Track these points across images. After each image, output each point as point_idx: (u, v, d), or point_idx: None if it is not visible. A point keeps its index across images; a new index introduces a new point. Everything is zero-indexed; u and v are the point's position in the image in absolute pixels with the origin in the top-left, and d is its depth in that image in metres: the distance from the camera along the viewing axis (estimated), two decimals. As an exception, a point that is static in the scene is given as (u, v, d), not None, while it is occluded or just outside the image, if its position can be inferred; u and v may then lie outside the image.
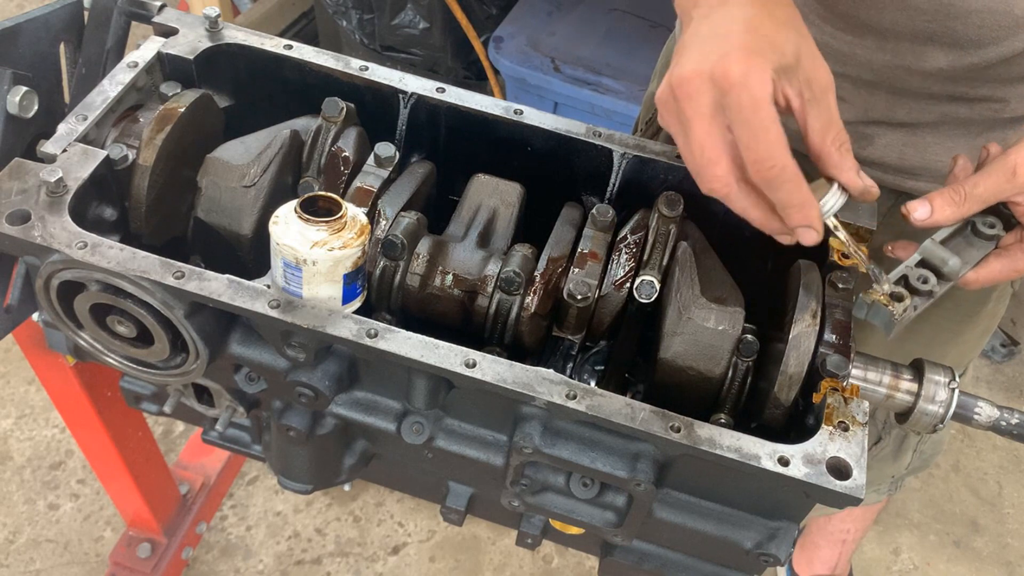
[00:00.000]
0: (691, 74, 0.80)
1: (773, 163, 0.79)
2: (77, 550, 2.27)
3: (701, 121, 0.80)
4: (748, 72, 0.77)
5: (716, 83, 0.78)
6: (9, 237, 0.93)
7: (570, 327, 1.04)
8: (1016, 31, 1.03)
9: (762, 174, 0.80)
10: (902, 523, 2.52)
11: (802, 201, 0.82)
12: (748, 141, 0.79)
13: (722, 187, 0.83)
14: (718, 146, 0.81)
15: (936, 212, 0.92)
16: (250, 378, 1.07)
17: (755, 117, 0.78)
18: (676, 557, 1.13)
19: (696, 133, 0.81)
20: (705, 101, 0.79)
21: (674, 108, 0.82)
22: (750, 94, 0.77)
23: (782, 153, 0.79)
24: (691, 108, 0.80)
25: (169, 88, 1.11)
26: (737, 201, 0.84)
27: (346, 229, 0.91)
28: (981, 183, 0.91)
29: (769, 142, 0.78)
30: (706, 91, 0.79)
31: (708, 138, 0.81)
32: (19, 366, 2.58)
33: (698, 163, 0.82)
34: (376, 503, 2.42)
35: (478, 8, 2.75)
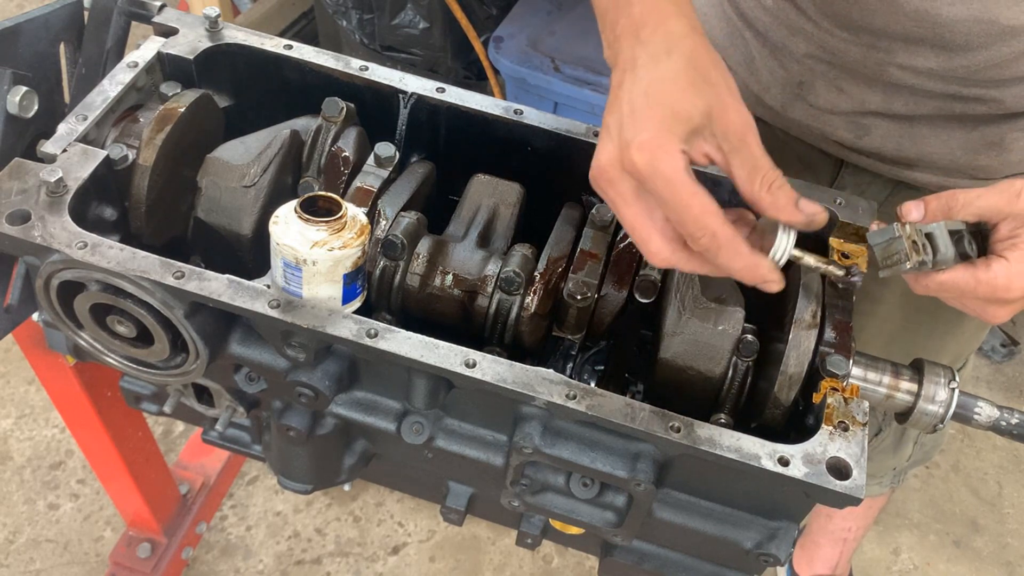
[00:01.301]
0: (606, 165, 0.82)
1: (703, 233, 0.80)
2: (77, 550, 2.27)
3: (627, 206, 0.83)
4: (654, 158, 0.79)
5: (630, 173, 0.81)
6: (9, 237, 0.93)
7: (570, 327, 1.04)
8: (1003, 38, 1.03)
9: (699, 246, 0.82)
10: (902, 523, 2.52)
11: (744, 264, 0.83)
12: (676, 218, 0.81)
13: (663, 261, 0.85)
14: (647, 225, 0.83)
15: (928, 215, 0.93)
16: (250, 378, 1.07)
17: (674, 197, 0.79)
18: (676, 557, 1.13)
19: (625, 217, 0.84)
20: (625, 189, 0.82)
21: (603, 191, 0.85)
22: (662, 177, 0.79)
23: (711, 221, 0.80)
24: (614, 194, 0.83)
25: (169, 88, 1.11)
26: (686, 267, 0.86)
27: (346, 229, 0.91)
28: (982, 199, 0.91)
29: (694, 216, 0.80)
30: (623, 180, 0.82)
31: (636, 220, 0.83)
32: (19, 366, 2.58)
33: (637, 240, 0.85)
34: (376, 503, 2.42)
35: (478, 8, 2.75)
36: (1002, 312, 0.95)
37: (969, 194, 0.92)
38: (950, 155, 1.18)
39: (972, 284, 0.92)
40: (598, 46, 0.94)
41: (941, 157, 1.19)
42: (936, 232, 0.92)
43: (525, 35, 2.64)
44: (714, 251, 0.81)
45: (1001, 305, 0.94)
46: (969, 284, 0.92)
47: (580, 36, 2.65)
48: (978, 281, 0.91)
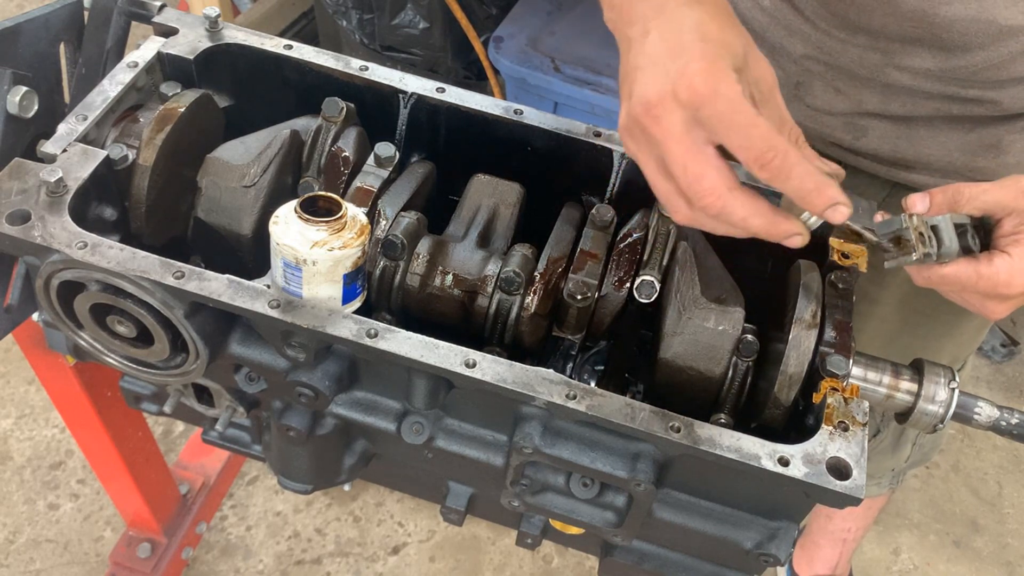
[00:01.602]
0: (655, 98, 0.77)
1: (775, 151, 0.76)
2: (77, 550, 2.27)
3: (677, 141, 0.77)
4: (715, 82, 0.75)
5: (684, 101, 0.76)
6: (9, 237, 0.93)
7: (570, 327, 1.04)
8: (1001, 39, 1.03)
9: (768, 167, 0.77)
10: (902, 523, 2.52)
11: (818, 181, 0.79)
12: (741, 140, 0.76)
13: (716, 199, 0.79)
14: (701, 160, 0.78)
15: (933, 208, 0.92)
16: (250, 378, 1.07)
17: (739, 117, 0.76)
18: (676, 557, 1.13)
19: (675, 153, 0.78)
20: (675, 122, 0.77)
21: (642, 135, 0.80)
22: (725, 99, 0.75)
23: (779, 139, 0.77)
24: (662, 131, 0.78)
25: (169, 88, 1.11)
26: (735, 211, 0.80)
27: (346, 229, 0.91)
28: (988, 193, 0.91)
29: (763, 135, 0.76)
30: (675, 110, 0.76)
31: (689, 154, 0.78)
32: (19, 366, 2.58)
33: (685, 182, 0.79)
34: (376, 503, 2.42)
35: (478, 8, 2.75)
36: (1001, 308, 0.95)
37: (975, 188, 0.92)
38: (947, 157, 1.18)
39: (974, 279, 0.91)
40: (598, 46, 0.93)
41: (938, 159, 1.19)
42: (941, 225, 0.91)
43: (525, 35, 2.64)
44: (787, 171, 0.77)
45: (1001, 301, 0.93)
46: (971, 278, 0.91)
47: (580, 36, 2.65)
48: (980, 276, 0.91)
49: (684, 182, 0.79)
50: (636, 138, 0.81)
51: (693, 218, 0.83)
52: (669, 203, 0.83)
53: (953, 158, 1.18)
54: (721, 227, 0.83)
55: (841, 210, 0.81)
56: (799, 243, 0.85)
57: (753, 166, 0.78)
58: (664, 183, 0.82)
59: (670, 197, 0.82)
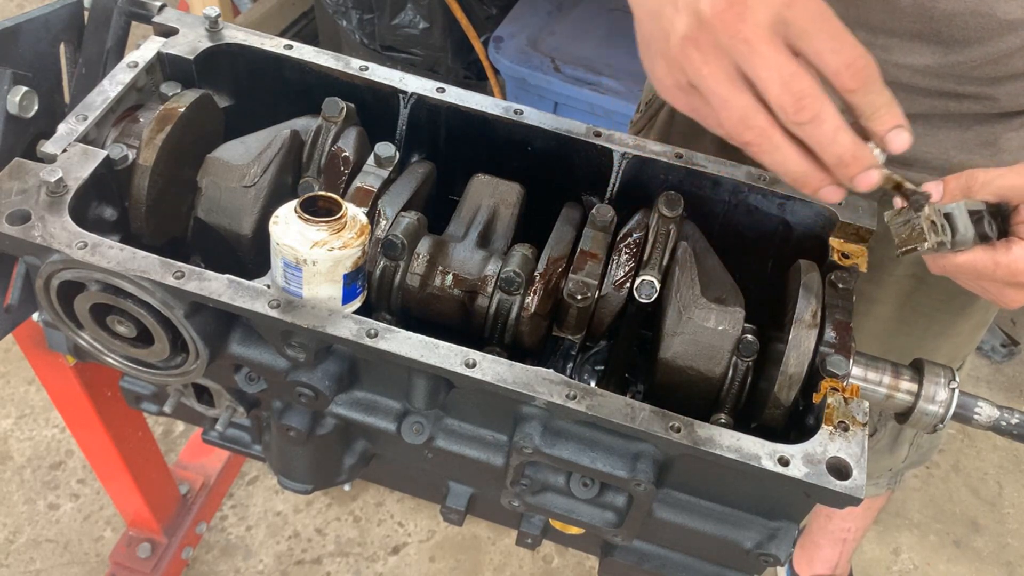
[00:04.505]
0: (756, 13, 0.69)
1: (865, 60, 0.72)
2: (77, 550, 2.27)
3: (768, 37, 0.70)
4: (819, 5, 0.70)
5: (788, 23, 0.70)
6: (9, 237, 0.93)
7: (570, 327, 1.04)
8: (1000, 33, 1.03)
9: (859, 75, 0.72)
10: (902, 523, 2.52)
11: (891, 100, 0.76)
12: (832, 45, 0.71)
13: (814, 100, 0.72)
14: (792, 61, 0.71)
15: (948, 196, 0.91)
16: (250, 378, 1.07)
17: (831, 18, 0.71)
18: (676, 557, 1.13)
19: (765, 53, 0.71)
20: (765, 17, 0.70)
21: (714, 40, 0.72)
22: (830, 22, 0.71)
23: (865, 52, 0.73)
24: (748, 28, 0.70)
25: (169, 88, 1.11)
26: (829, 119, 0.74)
27: (346, 229, 0.91)
28: (1004, 178, 0.90)
29: (853, 43, 0.71)
30: (763, 6, 0.70)
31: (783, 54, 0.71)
32: (19, 366, 2.58)
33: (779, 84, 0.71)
34: (376, 503, 2.42)
35: (478, 8, 2.75)
36: (1020, 296, 0.93)
37: (989, 173, 0.90)
38: (944, 155, 1.18)
39: (991, 267, 0.90)
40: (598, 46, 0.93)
41: (935, 157, 1.19)
42: (955, 212, 0.89)
43: (525, 35, 2.64)
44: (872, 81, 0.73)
45: (1019, 289, 0.92)
46: (988, 267, 0.90)
47: (580, 36, 2.65)
48: (997, 264, 0.89)
49: (777, 87, 0.72)
50: (707, 48, 0.73)
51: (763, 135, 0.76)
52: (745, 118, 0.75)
53: (950, 156, 1.18)
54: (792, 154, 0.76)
55: (902, 135, 0.77)
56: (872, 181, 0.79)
57: (844, 72, 0.73)
58: (739, 95, 0.74)
59: (747, 110, 0.75)
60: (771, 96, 0.73)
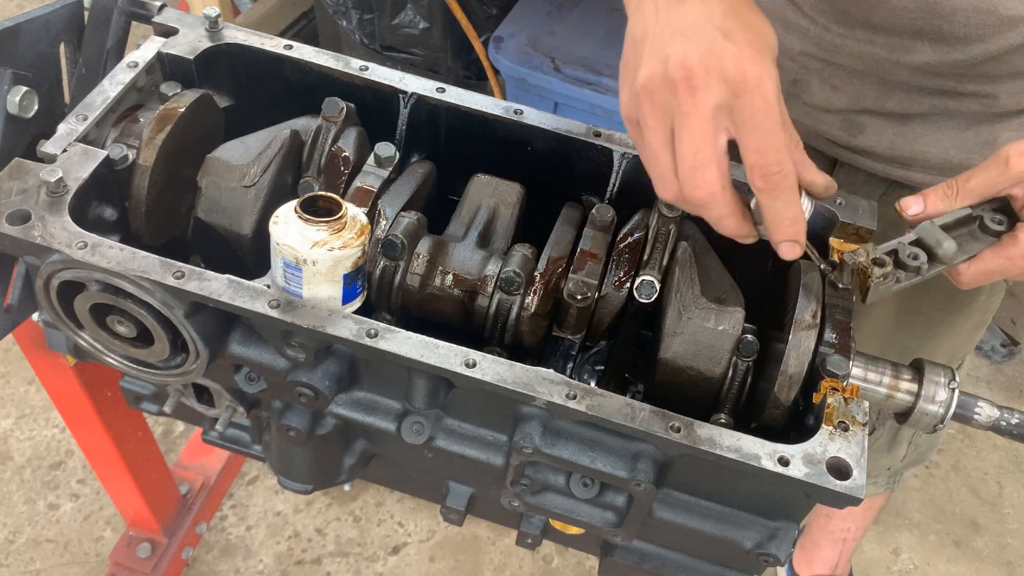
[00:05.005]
0: (699, 66, 0.73)
1: (779, 168, 0.76)
2: (77, 550, 2.27)
3: (702, 120, 0.75)
4: (763, 74, 0.73)
5: (728, 82, 0.73)
6: (9, 237, 0.93)
7: (570, 327, 1.04)
8: (1001, 29, 1.03)
9: (768, 180, 0.77)
10: (902, 523, 2.52)
11: (796, 214, 0.81)
12: (759, 145, 0.75)
13: (707, 194, 0.78)
14: (712, 148, 0.76)
15: (928, 207, 0.92)
16: (250, 378, 1.07)
17: (769, 121, 0.75)
18: (676, 557, 1.13)
19: (693, 132, 0.75)
20: (711, 99, 0.74)
21: (665, 100, 0.76)
22: (764, 97, 0.74)
23: (788, 160, 0.77)
24: (692, 104, 0.74)
25: (169, 88, 1.11)
26: (717, 209, 0.80)
27: (346, 229, 0.91)
28: (974, 177, 0.91)
29: (778, 148, 0.76)
30: (715, 88, 0.73)
31: (704, 139, 0.76)
32: (19, 366, 2.58)
33: (688, 165, 0.77)
34: (376, 503, 2.42)
35: (478, 8, 2.75)
36: None
37: (960, 179, 0.92)
38: (943, 154, 1.18)
39: (1007, 264, 0.91)
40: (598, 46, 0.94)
41: (934, 156, 1.19)
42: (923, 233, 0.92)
43: (525, 35, 2.64)
44: (780, 191, 0.78)
45: None
46: (1004, 265, 0.91)
47: (580, 36, 2.65)
48: (1010, 258, 0.91)
49: (687, 165, 0.78)
50: (656, 103, 0.77)
51: (678, 199, 0.82)
52: (662, 178, 0.81)
53: (950, 155, 1.18)
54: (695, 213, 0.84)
55: (794, 249, 0.84)
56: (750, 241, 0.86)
57: (755, 173, 0.78)
58: (665, 156, 0.79)
59: (665, 173, 0.80)
60: (680, 170, 0.79)
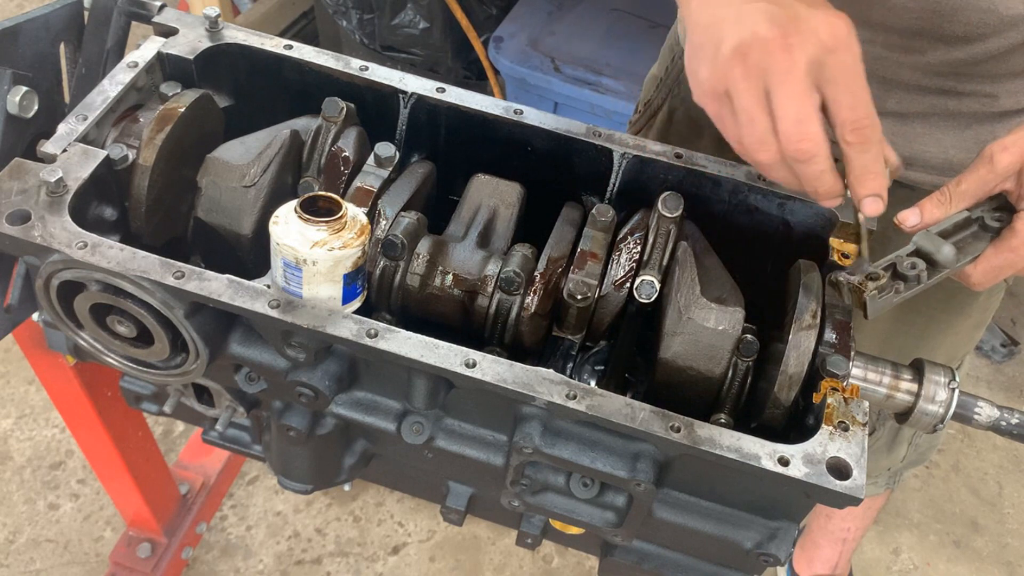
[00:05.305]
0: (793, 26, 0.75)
1: (871, 122, 0.79)
2: (77, 550, 2.27)
3: (799, 76, 0.76)
4: (851, 32, 0.77)
5: (823, 40, 0.76)
6: (9, 237, 0.93)
7: (570, 327, 1.04)
8: (1003, 29, 1.03)
9: (860, 133, 0.79)
10: (902, 523, 2.52)
11: (880, 168, 0.83)
12: (851, 101, 0.78)
13: (813, 145, 0.79)
14: (811, 103, 0.78)
15: (925, 216, 0.93)
16: (250, 378, 1.07)
17: (859, 77, 0.78)
18: (676, 557, 1.13)
19: (792, 88, 0.77)
20: (806, 56, 0.76)
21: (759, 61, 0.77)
22: (853, 54, 0.77)
23: (875, 114, 0.80)
24: (789, 61, 0.76)
25: (169, 88, 1.11)
26: (820, 163, 0.80)
27: (346, 229, 0.91)
28: (964, 180, 0.92)
29: (868, 102, 0.79)
30: (810, 45, 0.76)
31: (804, 94, 0.77)
32: (19, 366, 2.58)
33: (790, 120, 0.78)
34: (376, 503, 2.42)
35: (478, 8, 2.75)
36: None
37: (951, 184, 0.93)
38: (943, 154, 1.18)
39: (1012, 257, 0.92)
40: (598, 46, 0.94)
41: (934, 156, 1.19)
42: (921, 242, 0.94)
43: (525, 35, 2.64)
44: (870, 144, 0.80)
45: None
46: (1010, 259, 0.92)
47: (580, 36, 2.65)
48: (1013, 250, 0.91)
49: (790, 119, 0.79)
50: (749, 64, 0.79)
51: (774, 160, 0.82)
52: (761, 140, 0.82)
53: (950, 155, 1.18)
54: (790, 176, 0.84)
55: (877, 205, 0.85)
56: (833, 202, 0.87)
57: (847, 126, 0.80)
58: (763, 117, 0.80)
59: (764, 134, 0.81)
60: (780, 127, 0.80)
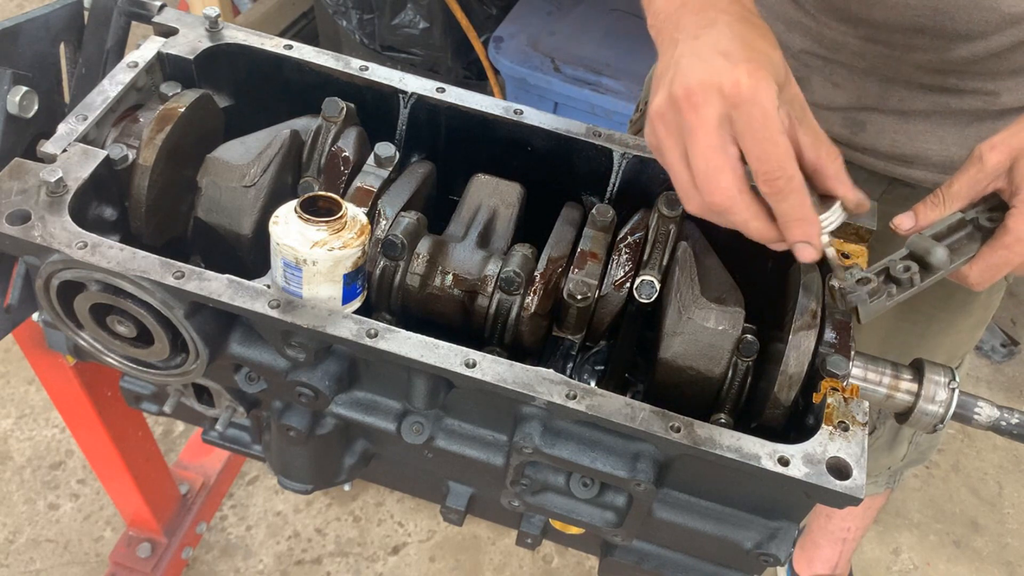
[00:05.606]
0: (697, 85, 0.79)
1: (782, 173, 0.80)
2: (77, 550, 2.27)
3: (707, 132, 0.80)
4: (758, 86, 0.78)
5: (726, 96, 0.79)
6: (9, 237, 0.93)
7: (570, 327, 1.04)
8: (1003, 27, 1.04)
9: (772, 185, 0.81)
10: (902, 523, 2.52)
11: (804, 216, 0.83)
12: (759, 153, 0.80)
13: (725, 199, 0.82)
14: (722, 156, 0.80)
15: (919, 219, 0.93)
16: (250, 378, 1.07)
17: (766, 129, 0.79)
18: (676, 557, 1.13)
19: (700, 144, 0.80)
20: (713, 112, 0.79)
21: (674, 120, 0.82)
22: (761, 107, 0.78)
23: (791, 165, 0.80)
24: (696, 119, 0.80)
25: (169, 88, 1.11)
26: (739, 213, 0.83)
27: (346, 229, 0.91)
28: (955, 181, 0.92)
29: (779, 154, 0.80)
30: (714, 102, 0.79)
31: (712, 149, 0.80)
32: (19, 366, 2.58)
33: (702, 174, 0.82)
34: (376, 503, 2.42)
35: (478, 8, 2.75)
36: None
37: (944, 186, 0.93)
38: (945, 152, 1.19)
39: (1007, 254, 0.91)
40: (598, 46, 0.95)
41: (936, 153, 1.19)
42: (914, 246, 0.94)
43: (525, 35, 2.64)
44: (785, 194, 0.81)
45: None
46: (1005, 256, 0.92)
47: (580, 36, 2.65)
48: (1007, 247, 0.91)
49: (701, 175, 0.82)
50: (667, 123, 0.83)
51: (702, 210, 0.85)
52: (684, 193, 0.86)
53: (951, 153, 1.18)
54: (724, 223, 0.86)
55: (807, 252, 0.86)
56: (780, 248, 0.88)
57: (760, 178, 0.81)
58: (683, 172, 0.84)
59: (686, 187, 0.85)
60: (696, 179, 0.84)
